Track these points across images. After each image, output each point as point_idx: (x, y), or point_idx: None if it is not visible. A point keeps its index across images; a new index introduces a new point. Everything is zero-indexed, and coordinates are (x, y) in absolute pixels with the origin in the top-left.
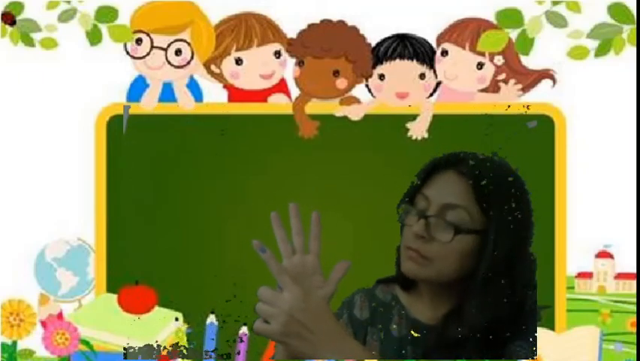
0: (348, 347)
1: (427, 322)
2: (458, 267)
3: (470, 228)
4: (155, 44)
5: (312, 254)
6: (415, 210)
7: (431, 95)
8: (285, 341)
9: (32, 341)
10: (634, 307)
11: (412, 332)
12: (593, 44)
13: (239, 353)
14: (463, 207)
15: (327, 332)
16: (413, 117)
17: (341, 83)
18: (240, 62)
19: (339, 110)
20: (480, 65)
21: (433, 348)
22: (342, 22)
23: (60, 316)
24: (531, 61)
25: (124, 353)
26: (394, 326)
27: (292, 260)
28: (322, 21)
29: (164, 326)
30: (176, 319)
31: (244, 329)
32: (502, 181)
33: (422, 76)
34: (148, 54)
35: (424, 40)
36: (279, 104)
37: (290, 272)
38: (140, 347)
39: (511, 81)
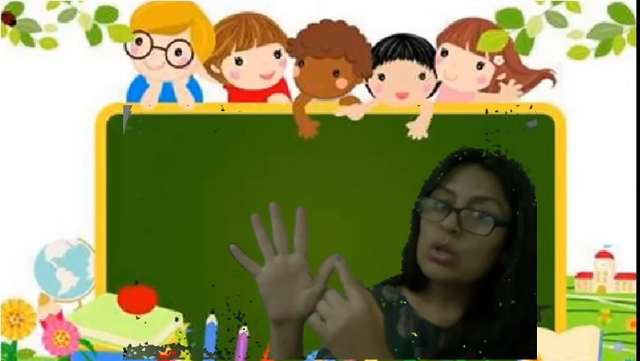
0: None
1: (436, 323)
2: (484, 264)
3: (502, 220)
4: (155, 44)
5: (298, 252)
6: (440, 204)
7: (431, 95)
8: (332, 345)
9: (32, 341)
10: (634, 307)
11: (414, 334)
12: (593, 44)
13: (239, 354)
14: (493, 199)
15: (372, 350)
16: (413, 117)
17: (341, 83)
18: (240, 62)
19: (339, 110)
20: (480, 65)
21: (447, 350)
22: (342, 22)
23: (60, 316)
24: (531, 61)
25: (124, 353)
26: (401, 327)
27: (274, 261)
28: (322, 21)
29: (164, 326)
30: (176, 319)
31: (244, 329)
32: (523, 175)
33: (422, 76)
34: (148, 54)
35: (424, 40)
36: (279, 104)
37: (272, 274)
38: (140, 347)
39: (511, 81)
